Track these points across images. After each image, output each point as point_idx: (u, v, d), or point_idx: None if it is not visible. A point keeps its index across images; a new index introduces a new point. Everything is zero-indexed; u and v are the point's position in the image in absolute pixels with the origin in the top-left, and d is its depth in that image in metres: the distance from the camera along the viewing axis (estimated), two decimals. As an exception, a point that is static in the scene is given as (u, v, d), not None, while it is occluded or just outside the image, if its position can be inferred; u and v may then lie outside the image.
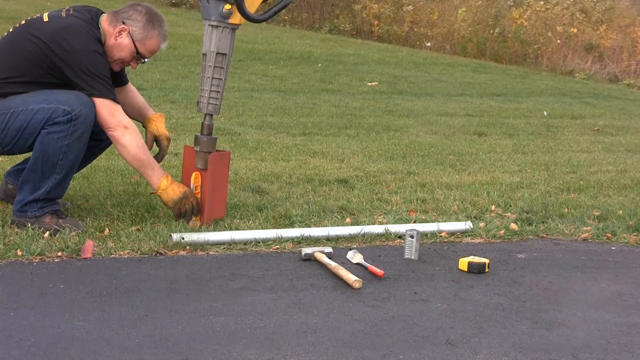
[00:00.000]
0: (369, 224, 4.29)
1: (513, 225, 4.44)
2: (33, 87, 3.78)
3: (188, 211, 3.98)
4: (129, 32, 3.90)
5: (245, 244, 3.91)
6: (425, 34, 16.01)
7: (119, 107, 3.83)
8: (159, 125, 4.17)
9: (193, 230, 3.95)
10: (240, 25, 3.98)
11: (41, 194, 3.80)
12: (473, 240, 4.28)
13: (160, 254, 3.71)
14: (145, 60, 4.00)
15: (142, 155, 3.87)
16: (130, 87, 4.24)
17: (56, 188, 3.82)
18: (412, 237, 3.90)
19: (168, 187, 3.92)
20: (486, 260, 3.79)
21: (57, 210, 3.87)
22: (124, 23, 3.89)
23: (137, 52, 3.93)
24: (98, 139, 4.03)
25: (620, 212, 4.82)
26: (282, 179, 5.14)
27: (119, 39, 3.88)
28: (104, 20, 3.91)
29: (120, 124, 3.80)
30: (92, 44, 3.78)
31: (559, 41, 14.65)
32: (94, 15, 3.91)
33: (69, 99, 3.72)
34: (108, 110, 3.79)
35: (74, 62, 3.73)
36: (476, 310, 3.29)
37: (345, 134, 7.12)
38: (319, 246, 3.92)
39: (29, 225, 3.78)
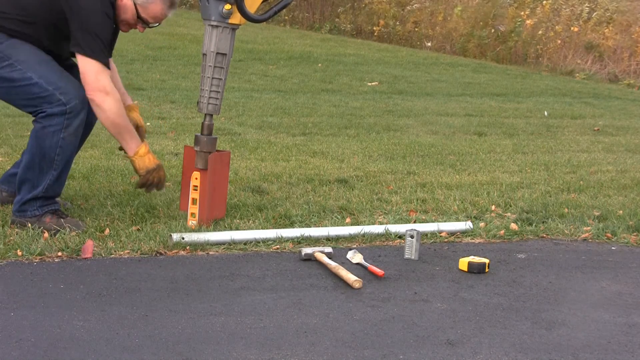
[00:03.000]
0: (369, 224, 4.29)
1: (513, 225, 4.44)
2: (33, 29, 3.71)
3: (154, 183, 3.94)
4: None
5: (245, 244, 3.91)
6: (426, 34, 16.00)
7: (107, 73, 3.74)
8: (138, 116, 4.16)
9: (193, 230, 3.95)
10: (240, 25, 3.98)
11: (40, 192, 3.78)
12: (473, 240, 4.28)
13: (160, 254, 3.71)
14: (152, 25, 3.87)
15: (122, 121, 3.80)
16: (112, 64, 4.12)
17: (54, 185, 3.80)
18: (412, 237, 3.90)
19: (145, 155, 3.88)
20: (486, 260, 3.79)
21: (57, 210, 3.87)
22: None
23: (139, 17, 3.84)
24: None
25: (620, 212, 4.82)
26: (282, 179, 5.14)
27: (124, 0, 3.81)
28: None
29: (104, 89, 3.70)
30: (104, 4, 3.72)
31: (559, 41, 14.65)
32: None
33: (68, 89, 3.70)
34: (95, 72, 3.70)
35: (81, 17, 3.66)
36: (476, 310, 3.29)
37: (345, 134, 7.12)
38: (319, 246, 3.92)
39: (29, 225, 3.77)
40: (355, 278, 3.46)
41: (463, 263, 3.78)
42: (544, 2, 15.22)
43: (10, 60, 3.69)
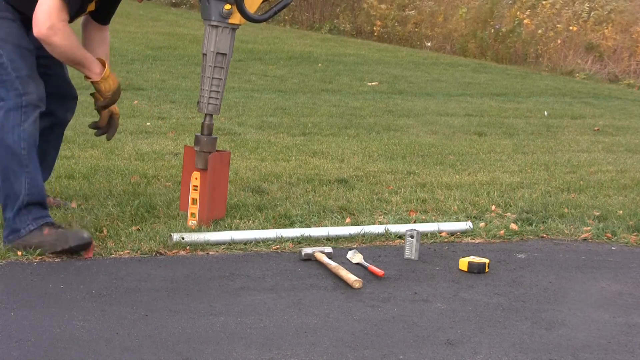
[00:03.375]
0: (369, 224, 4.29)
1: (513, 225, 4.44)
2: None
3: (115, 100, 3.86)
4: None
5: (245, 244, 3.91)
6: (426, 34, 16.00)
7: (63, 10, 3.51)
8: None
9: (193, 230, 3.95)
10: (240, 25, 3.97)
11: (24, 199, 3.53)
12: (473, 240, 4.28)
13: (160, 254, 3.71)
14: None
15: (78, 54, 3.64)
16: (107, 32, 4.03)
17: (34, 182, 3.56)
18: (412, 237, 3.90)
19: (109, 77, 3.77)
20: (486, 260, 3.79)
21: (53, 223, 3.62)
22: None
23: None
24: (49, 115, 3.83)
25: (620, 212, 4.81)
26: (282, 179, 5.14)
27: None
28: None
29: (53, 26, 3.49)
30: None
31: (559, 41, 14.65)
32: None
33: (29, 83, 3.55)
34: (48, 7, 3.49)
35: None
36: (476, 310, 3.29)
37: (345, 134, 7.11)
38: (319, 246, 3.92)
39: (29, 246, 3.53)
40: (355, 278, 3.46)
41: (463, 263, 3.78)
42: (544, 1, 15.21)
43: None
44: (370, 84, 10.67)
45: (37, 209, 3.58)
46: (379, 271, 3.60)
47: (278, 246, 3.93)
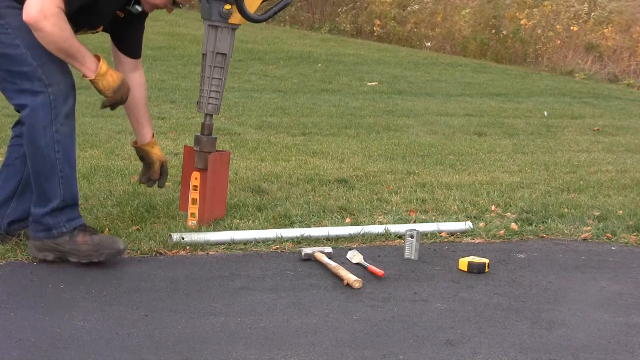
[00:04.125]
0: (368, 224, 4.29)
1: (513, 225, 4.44)
2: None
3: (122, 100, 3.51)
4: None
5: (245, 244, 3.91)
6: (426, 34, 16.00)
7: (58, 3, 3.22)
8: (159, 151, 4.00)
9: (193, 230, 3.95)
10: (240, 25, 3.97)
11: (58, 203, 3.40)
12: (473, 240, 4.28)
13: (160, 254, 3.71)
14: (182, 5, 3.61)
15: (69, 44, 3.30)
16: (141, 71, 3.79)
17: (69, 186, 3.41)
18: (412, 237, 3.90)
19: (106, 73, 3.43)
20: (486, 260, 3.79)
21: (85, 225, 3.50)
22: None
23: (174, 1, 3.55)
24: None
25: (620, 212, 4.82)
26: (282, 179, 5.14)
27: None
28: None
29: (44, 10, 3.20)
30: None
31: (559, 41, 14.65)
32: None
33: (52, 71, 3.30)
34: None
35: None
36: (476, 310, 3.29)
37: (345, 133, 7.12)
38: (319, 246, 3.92)
39: (64, 251, 3.42)
40: (355, 278, 3.46)
41: (463, 263, 3.78)
42: (545, 2, 15.21)
43: (3, 20, 3.29)
44: (370, 84, 10.67)
45: (70, 210, 3.46)
46: (378, 271, 3.60)
47: (278, 246, 3.93)
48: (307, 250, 3.78)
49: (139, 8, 3.54)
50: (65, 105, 3.33)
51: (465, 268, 3.76)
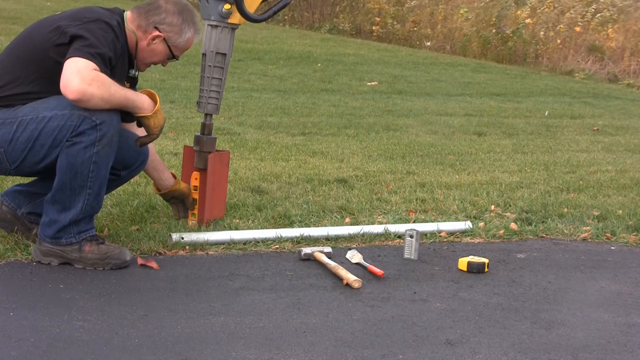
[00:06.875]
0: (368, 224, 4.29)
1: (513, 225, 4.44)
2: (40, 84, 3.34)
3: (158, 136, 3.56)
4: (164, 38, 3.54)
5: (244, 243, 3.91)
6: (426, 34, 15.99)
7: (92, 67, 3.19)
8: (184, 185, 4.00)
9: (192, 230, 3.95)
10: (240, 25, 3.98)
11: (76, 215, 3.37)
12: (472, 240, 4.28)
13: (160, 254, 3.71)
14: (178, 58, 3.68)
15: (117, 94, 3.29)
16: (151, 147, 3.81)
17: (92, 203, 3.40)
18: (411, 236, 3.90)
19: (159, 111, 3.46)
20: (486, 260, 3.80)
21: (95, 236, 3.48)
22: (156, 28, 3.52)
23: (172, 55, 3.62)
24: (114, 174, 3.58)
25: (620, 212, 4.82)
26: (281, 178, 5.14)
27: (153, 44, 3.54)
28: (129, 21, 3.52)
29: (85, 78, 3.17)
30: (110, 18, 3.39)
31: (559, 41, 14.64)
32: (117, 13, 3.51)
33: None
34: (76, 68, 3.18)
35: (80, 29, 3.27)
36: (476, 310, 3.30)
37: (344, 133, 7.12)
38: (319, 246, 3.92)
39: (70, 259, 3.42)
40: (355, 278, 3.46)
41: (462, 263, 3.78)
42: (547, 1, 15.21)
43: (17, 118, 3.31)
44: (369, 83, 10.67)
45: (85, 222, 3.43)
46: (378, 271, 3.60)
47: (277, 246, 3.93)
48: (306, 250, 3.78)
49: (135, 72, 3.63)
50: (111, 128, 3.31)
51: (464, 268, 3.76)
